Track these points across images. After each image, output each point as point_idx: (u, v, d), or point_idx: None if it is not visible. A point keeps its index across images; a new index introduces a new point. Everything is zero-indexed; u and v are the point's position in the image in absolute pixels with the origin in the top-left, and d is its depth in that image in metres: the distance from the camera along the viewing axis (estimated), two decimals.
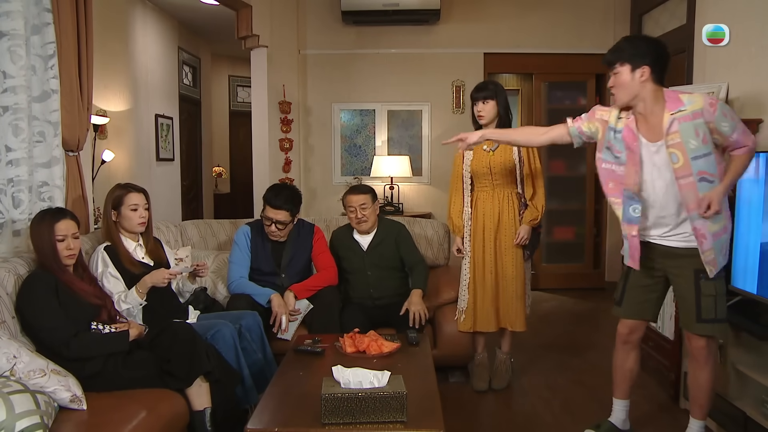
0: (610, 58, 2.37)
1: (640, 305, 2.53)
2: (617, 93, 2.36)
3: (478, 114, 3.16)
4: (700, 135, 2.21)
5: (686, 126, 2.23)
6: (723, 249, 2.32)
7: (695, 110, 2.22)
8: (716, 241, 2.28)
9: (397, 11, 5.23)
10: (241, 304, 3.03)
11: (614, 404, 2.70)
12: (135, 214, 2.75)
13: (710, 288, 2.32)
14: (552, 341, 4.20)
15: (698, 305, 2.34)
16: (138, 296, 2.61)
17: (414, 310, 3.08)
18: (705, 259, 2.29)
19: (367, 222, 3.31)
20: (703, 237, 2.28)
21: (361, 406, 1.92)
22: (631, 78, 2.30)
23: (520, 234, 3.15)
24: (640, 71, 2.28)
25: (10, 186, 2.62)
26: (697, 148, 2.22)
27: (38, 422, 1.84)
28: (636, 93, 2.31)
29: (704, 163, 2.24)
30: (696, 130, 2.22)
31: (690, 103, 2.24)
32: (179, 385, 2.32)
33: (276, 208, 3.15)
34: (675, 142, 2.25)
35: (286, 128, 5.48)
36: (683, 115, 2.24)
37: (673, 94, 2.29)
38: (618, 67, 2.33)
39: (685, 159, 2.24)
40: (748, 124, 3.13)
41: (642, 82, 2.29)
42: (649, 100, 2.30)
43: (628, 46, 2.33)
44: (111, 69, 4.79)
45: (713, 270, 2.30)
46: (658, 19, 4.64)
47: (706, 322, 2.34)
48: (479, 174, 3.20)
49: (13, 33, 2.57)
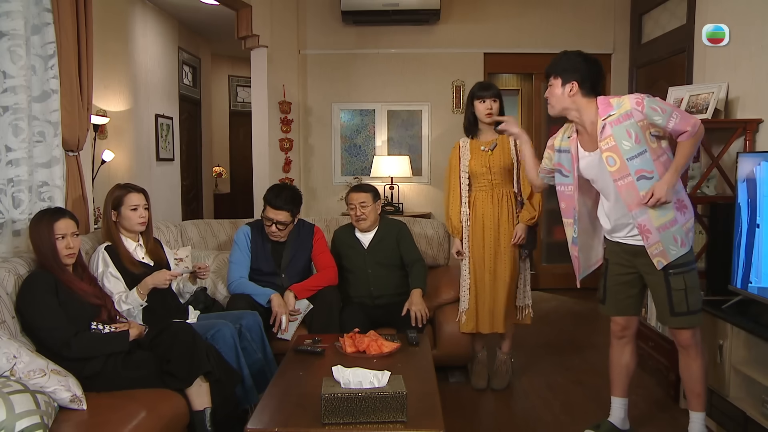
0: (546, 70, 2.52)
1: (624, 302, 2.60)
2: (550, 103, 2.50)
3: (488, 111, 3.15)
4: (632, 135, 2.31)
5: (618, 129, 2.32)
6: (678, 239, 2.37)
7: (624, 112, 2.32)
8: (663, 233, 2.35)
9: (397, 11, 5.23)
10: (241, 304, 3.03)
11: (612, 403, 2.72)
12: (135, 214, 2.75)
13: (679, 282, 2.39)
14: (552, 341, 4.20)
15: (670, 300, 2.41)
16: (139, 297, 2.61)
17: (415, 310, 3.09)
18: (651, 252, 2.38)
19: (366, 220, 3.31)
20: (647, 232, 2.37)
21: (361, 406, 1.92)
22: (561, 91, 2.44)
23: (518, 233, 3.16)
24: (569, 86, 2.42)
25: (10, 186, 2.62)
26: (632, 148, 2.32)
27: (38, 422, 1.85)
28: (566, 105, 2.45)
29: (640, 161, 2.32)
30: (628, 131, 2.31)
31: (618, 106, 2.34)
32: (179, 385, 2.32)
33: (277, 209, 3.15)
34: (610, 146, 2.35)
35: (286, 128, 5.48)
36: (613, 118, 2.34)
37: (604, 100, 2.40)
38: (551, 80, 2.48)
39: (621, 161, 2.33)
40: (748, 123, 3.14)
41: (571, 96, 2.43)
42: (583, 111, 2.43)
43: (561, 61, 2.47)
44: (111, 69, 4.79)
45: (662, 262, 2.37)
46: (658, 18, 4.64)
47: (680, 315, 2.41)
48: (478, 174, 3.20)
49: (13, 33, 2.57)
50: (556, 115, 2.52)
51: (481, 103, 3.16)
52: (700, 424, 2.51)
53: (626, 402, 2.71)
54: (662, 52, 4.51)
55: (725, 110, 3.32)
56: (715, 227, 3.02)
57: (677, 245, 2.37)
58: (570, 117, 2.48)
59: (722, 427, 2.66)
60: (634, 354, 2.69)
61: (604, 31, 5.54)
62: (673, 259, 2.36)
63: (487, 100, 3.15)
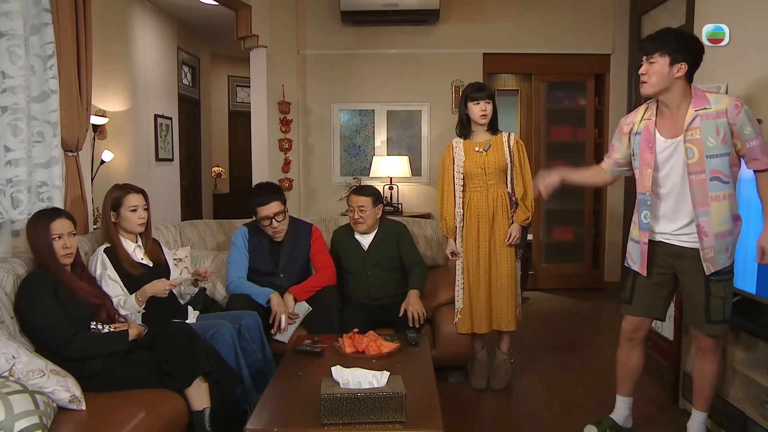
0: (651, 46, 2.33)
1: (651, 303, 2.54)
2: (649, 81, 2.34)
3: (482, 113, 3.16)
4: (721, 134, 2.24)
5: (708, 124, 2.25)
6: (726, 250, 2.32)
7: (720, 109, 2.25)
8: (719, 240, 2.30)
9: (397, 11, 5.23)
10: (240, 304, 3.03)
11: (617, 401, 2.72)
12: (134, 215, 2.75)
13: (720, 290, 2.34)
14: (551, 341, 4.20)
15: (707, 306, 2.35)
16: (137, 304, 2.61)
17: (412, 310, 3.08)
18: (704, 255, 2.31)
19: (363, 224, 3.31)
20: (705, 234, 2.30)
21: (360, 406, 1.92)
22: (668, 71, 2.29)
23: (512, 233, 3.16)
24: (678, 66, 2.28)
25: (9, 186, 2.62)
26: (715, 146, 2.25)
27: (37, 422, 1.84)
28: (667, 86, 2.32)
29: (719, 162, 2.26)
30: (717, 128, 2.25)
31: (716, 102, 2.27)
32: (178, 386, 2.31)
33: (266, 204, 3.14)
34: (694, 138, 2.27)
35: (286, 128, 5.48)
36: (707, 112, 2.26)
37: (701, 92, 2.31)
38: (657, 57, 2.31)
39: (701, 155, 2.26)
40: None
41: (677, 78, 2.30)
42: (678, 94, 2.32)
43: (672, 39, 2.31)
44: (110, 69, 4.79)
45: (710, 268, 2.32)
46: (657, 19, 4.64)
47: (715, 323, 2.36)
48: (472, 174, 3.20)
49: (12, 33, 2.57)
50: (649, 96, 2.38)
51: (475, 104, 3.17)
52: (700, 423, 2.52)
53: (631, 401, 2.71)
54: None
55: None
56: None
57: (726, 256, 2.33)
58: (662, 98, 2.36)
59: (721, 428, 2.66)
60: (643, 356, 2.67)
61: (603, 31, 5.54)
62: (719, 268, 2.32)
63: (481, 102, 3.16)
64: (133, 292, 2.67)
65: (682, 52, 2.28)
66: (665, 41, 2.30)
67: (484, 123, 3.18)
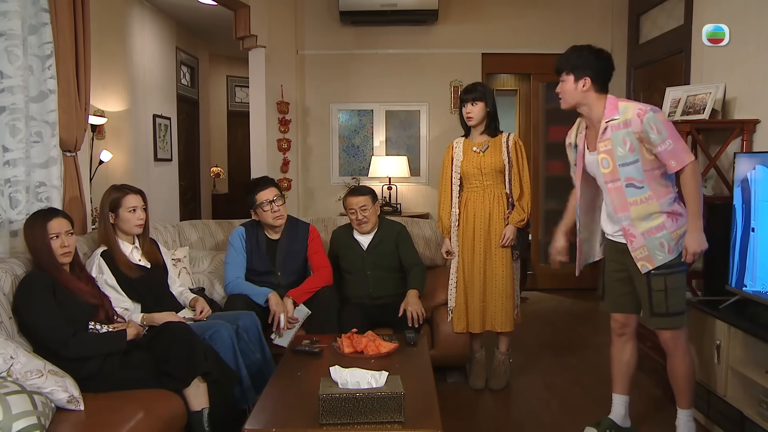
0: (557, 66, 2.49)
1: (620, 298, 2.62)
2: (563, 98, 2.50)
3: (467, 115, 3.17)
4: (627, 143, 2.35)
5: (616, 134, 2.36)
6: (666, 245, 2.38)
7: (626, 119, 2.35)
8: (648, 238, 2.38)
9: (395, 11, 5.24)
10: (238, 304, 3.03)
11: (614, 400, 2.73)
12: (133, 216, 2.74)
13: (660, 283, 2.40)
14: (550, 341, 4.21)
15: (650, 300, 2.44)
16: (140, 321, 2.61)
17: (411, 310, 3.09)
18: (636, 256, 2.41)
19: (368, 223, 3.31)
20: (631, 236, 2.41)
21: (359, 406, 1.92)
22: (574, 87, 2.43)
23: (506, 235, 3.16)
24: (582, 81, 2.41)
25: (7, 186, 2.62)
26: (624, 155, 2.36)
27: (35, 423, 1.84)
28: (578, 101, 2.46)
29: (631, 170, 2.37)
30: (624, 138, 2.35)
31: (623, 112, 2.37)
32: (177, 386, 2.31)
33: (265, 189, 3.19)
34: (606, 149, 2.39)
35: (284, 128, 5.48)
36: (615, 123, 2.37)
37: (613, 102, 2.42)
38: (564, 76, 2.46)
39: (614, 165, 2.38)
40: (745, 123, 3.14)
41: (584, 92, 2.42)
42: (593, 107, 2.44)
43: (573, 56, 2.45)
44: (108, 69, 4.78)
45: (647, 266, 2.40)
46: (656, 19, 4.64)
47: (658, 316, 2.44)
48: (469, 175, 3.20)
49: (10, 33, 2.57)
50: (568, 109, 2.53)
51: (464, 106, 3.19)
52: (686, 420, 2.55)
53: (627, 399, 2.72)
54: (660, 53, 4.51)
55: (722, 110, 3.33)
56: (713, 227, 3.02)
57: (664, 251, 2.38)
58: (581, 112, 2.50)
59: (719, 427, 2.66)
60: (635, 352, 2.70)
61: (601, 31, 5.53)
62: (659, 264, 2.38)
63: (467, 104, 3.16)
64: (131, 295, 2.68)
65: (582, 68, 2.41)
66: (568, 60, 2.45)
67: (471, 125, 3.19)
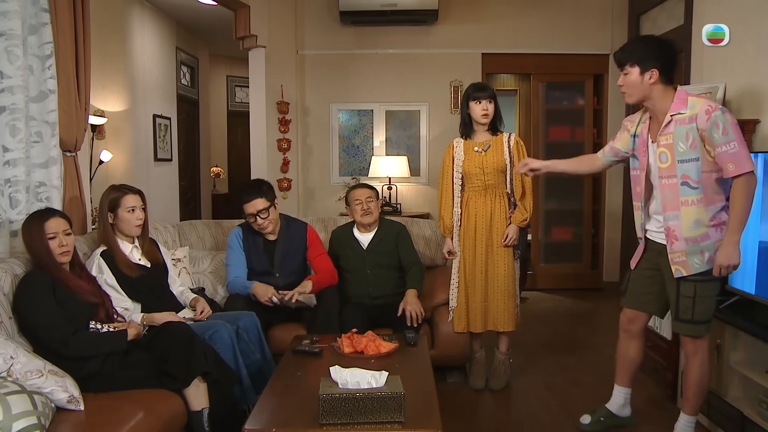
0: (621, 58, 2.38)
1: (643, 296, 2.59)
2: (627, 92, 2.39)
3: (483, 112, 3.16)
4: (690, 139, 2.26)
5: (680, 128, 2.28)
6: (706, 255, 2.32)
7: (693, 114, 2.26)
8: (690, 245, 2.32)
9: (395, 11, 5.24)
10: (238, 304, 3.03)
11: (615, 390, 2.76)
12: (132, 216, 2.74)
13: (689, 290, 2.36)
14: (550, 341, 4.20)
15: (676, 304, 2.40)
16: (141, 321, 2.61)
17: (410, 309, 3.09)
18: (673, 259, 2.36)
19: (372, 214, 3.32)
20: (674, 238, 2.35)
21: (359, 406, 1.92)
22: (640, 80, 2.34)
23: (509, 234, 3.16)
24: (649, 74, 2.32)
25: (7, 186, 2.62)
26: (685, 151, 2.27)
27: (35, 423, 1.84)
28: (645, 94, 2.36)
29: (689, 167, 2.29)
30: (687, 133, 2.27)
31: (692, 106, 2.28)
32: (177, 386, 2.31)
33: (250, 201, 3.13)
34: (667, 143, 2.31)
35: (284, 128, 5.48)
36: (681, 117, 2.29)
37: (683, 95, 2.32)
38: (628, 68, 2.36)
39: (673, 160, 2.30)
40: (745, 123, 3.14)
41: (651, 84, 2.33)
42: (658, 100, 2.35)
43: (638, 48, 2.35)
44: (108, 69, 4.78)
45: (681, 272, 2.35)
46: (656, 19, 4.65)
47: (682, 322, 2.40)
48: (471, 174, 3.20)
49: (10, 33, 2.56)
50: (634, 103, 2.46)
51: (477, 104, 3.17)
52: (686, 426, 2.53)
53: (628, 392, 2.74)
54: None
55: None
56: None
57: (703, 260, 2.32)
58: (647, 104, 2.42)
59: (720, 427, 2.66)
60: (641, 350, 2.70)
61: (601, 31, 5.55)
62: (694, 272, 2.33)
63: (483, 101, 3.16)
64: (131, 294, 2.68)
65: (650, 59, 2.32)
66: (633, 52, 2.35)
67: (485, 122, 3.18)
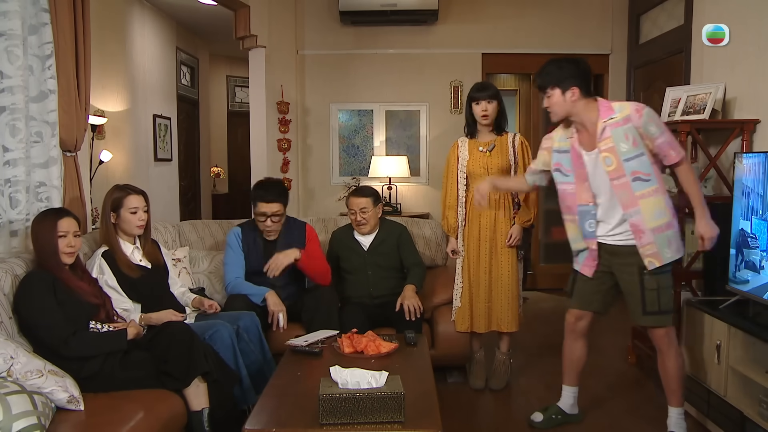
0: (541, 83, 2.56)
1: (590, 296, 2.72)
2: (553, 111, 2.56)
3: (483, 113, 3.16)
4: (630, 138, 2.41)
5: (617, 131, 2.42)
6: (671, 243, 2.45)
7: (624, 116, 2.42)
8: (658, 235, 2.43)
9: (395, 11, 5.23)
10: (238, 304, 3.02)
11: (563, 390, 2.87)
12: (135, 216, 2.74)
13: (652, 282, 2.48)
14: (550, 341, 4.19)
15: (643, 299, 2.50)
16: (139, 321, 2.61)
17: (408, 304, 3.09)
18: (644, 252, 2.46)
19: (366, 225, 3.31)
20: (641, 232, 2.45)
21: (359, 406, 1.92)
22: (563, 99, 2.50)
23: (513, 235, 3.16)
24: (570, 92, 2.48)
25: (7, 186, 2.62)
26: (628, 150, 2.41)
27: (35, 423, 1.84)
28: (569, 110, 2.52)
29: (637, 163, 2.42)
30: (626, 134, 2.41)
31: (620, 110, 2.44)
32: (177, 386, 2.31)
33: (269, 202, 3.14)
34: (608, 147, 2.44)
35: (284, 128, 5.47)
36: (614, 121, 2.43)
37: (606, 103, 2.49)
38: (549, 91, 2.53)
39: (618, 161, 2.43)
40: (745, 123, 3.15)
41: (573, 101, 2.49)
42: (584, 113, 2.50)
43: (554, 71, 2.52)
44: (109, 69, 4.78)
45: (654, 263, 2.45)
46: (656, 19, 4.65)
47: (651, 314, 2.51)
48: (476, 174, 3.20)
49: (10, 33, 2.56)
50: (559, 121, 2.60)
51: (476, 104, 3.17)
52: (678, 418, 2.62)
53: (576, 390, 2.86)
54: (660, 53, 4.51)
55: (722, 110, 3.33)
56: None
57: (672, 249, 2.46)
58: (573, 119, 2.56)
59: (720, 427, 2.66)
60: (585, 348, 2.84)
61: (601, 31, 5.54)
62: (666, 261, 2.45)
63: (482, 102, 3.16)
64: (132, 295, 2.68)
65: (568, 79, 2.48)
66: (550, 75, 2.52)
67: (486, 123, 3.18)
